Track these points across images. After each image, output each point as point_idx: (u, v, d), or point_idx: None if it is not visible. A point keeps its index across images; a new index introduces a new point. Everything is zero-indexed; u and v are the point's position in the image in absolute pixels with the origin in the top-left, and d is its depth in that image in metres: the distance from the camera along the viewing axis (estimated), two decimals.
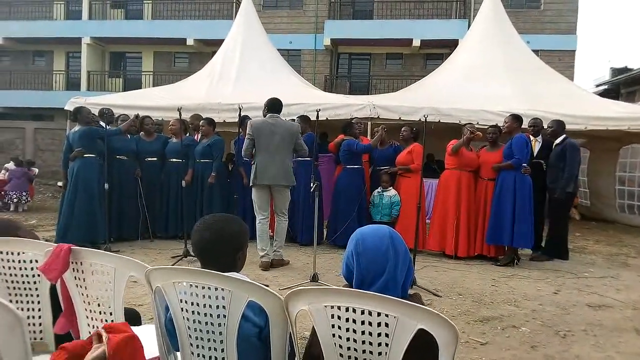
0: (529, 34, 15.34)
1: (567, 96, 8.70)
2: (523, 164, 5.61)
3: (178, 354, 1.69)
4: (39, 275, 1.87)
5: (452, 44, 15.14)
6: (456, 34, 15.94)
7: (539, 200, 5.99)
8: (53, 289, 1.89)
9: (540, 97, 8.28)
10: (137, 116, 6.71)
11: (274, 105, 5.35)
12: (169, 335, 1.68)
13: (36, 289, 1.92)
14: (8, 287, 1.92)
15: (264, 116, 5.39)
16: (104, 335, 1.37)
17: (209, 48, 18.08)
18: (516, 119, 5.88)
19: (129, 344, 1.42)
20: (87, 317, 1.83)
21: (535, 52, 11.55)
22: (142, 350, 1.49)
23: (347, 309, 1.32)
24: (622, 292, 4.77)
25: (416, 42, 17.29)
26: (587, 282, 5.14)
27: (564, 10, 17.39)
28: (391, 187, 6.37)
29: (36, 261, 1.87)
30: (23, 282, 1.92)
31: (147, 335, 1.94)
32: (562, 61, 16.73)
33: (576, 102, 8.42)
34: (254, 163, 5.26)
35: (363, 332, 1.31)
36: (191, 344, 1.59)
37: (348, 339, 1.33)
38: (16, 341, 1.26)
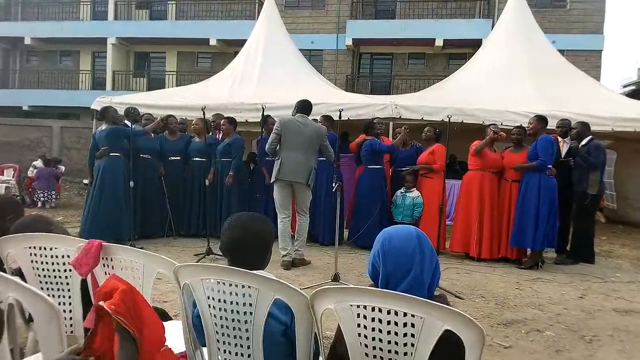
0: (554, 33, 15.07)
1: (594, 97, 8.53)
2: (548, 166, 5.53)
3: (205, 349, 1.72)
4: (70, 270, 1.92)
5: (475, 44, 14.99)
6: (480, 34, 15.76)
7: (565, 202, 5.89)
8: (84, 284, 1.94)
9: (565, 98, 8.14)
10: (162, 119, 6.81)
11: (304, 107, 5.42)
12: (196, 331, 1.71)
13: (67, 283, 1.98)
14: (41, 282, 1.98)
15: (293, 115, 5.43)
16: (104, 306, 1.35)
17: (231, 48, 18.23)
18: (541, 120, 5.80)
19: (126, 297, 1.41)
20: None
21: (561, 52, 11.36)
22: (142, 297, 1.49)
23: (373, 309, 1.33)
24: None
25: (439, 42, 17.15)
26: (614, 287, 5.04)
27: (591, 10, 17.07)
28: (414, 188, 6.33)
29: (68, 256, 1.92)
30: (55, 277, 1.98)
31: (174, 330, 1.98)
32: (589, 61, 16.41)
33: (603, 103, 8.26)
34: (278, 158, 5.29)
35: (389, 332, 1.31)
36: (218, 340, 1.61)
37: (374, 339, 1.34)
38: (53, 332, 1.30)
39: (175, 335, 1.93)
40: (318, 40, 18.39)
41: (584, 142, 6.01)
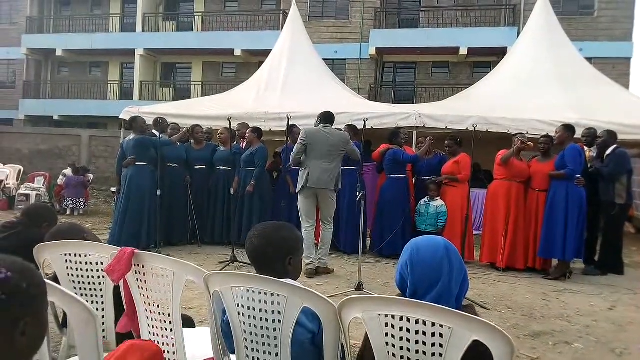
0: (581, 41, 14.84)
1: (622, 105, 8.36)
2: (576, 175, 5.44)
3: (232, 356, 1.75)
4: (103, 277, 1.97)
5: (500, 52, 14.86)
6: (505, 42, 15.62)
7: (593, 213, 5.79)
8: (117, 290, 1.99)
9: (593, 106, 8.00)
10: (188, 130, 6.93)
11: (328, 117, 5.54)
12: (225, 337, 1.74)
13: (101, 289, 2.03)
14: (75, 288, 2.04)
15: (316, 126, 5.50)
16: None
17: (255, 58, 18.43)
18: (568, 129, 5.72)
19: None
20: (148, 317, 1.91)
21: (589, 59, 11.15)
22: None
23: (401, 319, 1.34)
24: None
25: (463, 50, 17.04)
26: None
27: (619, 17, 16.76)
28: (438, 197, 6.30)
29: (101, 263, 1.97)
30: (89, 283, 2.04)
31: (202, 337, 2.02)
32: (617, 69, 16.08)
33: (632, 111, 8.08)
34: (305, 168, 5.34)
35: (417, 342, 1.32)
36: (246, 347, 1.64)
37: (402, 348, 1.35)
38: (90, 337, 1.34)
39: (203, 342, 1.97)
40: (341, 50, 18.46)
41: (608, 151, 5.91)
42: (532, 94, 8.46)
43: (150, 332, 1.92)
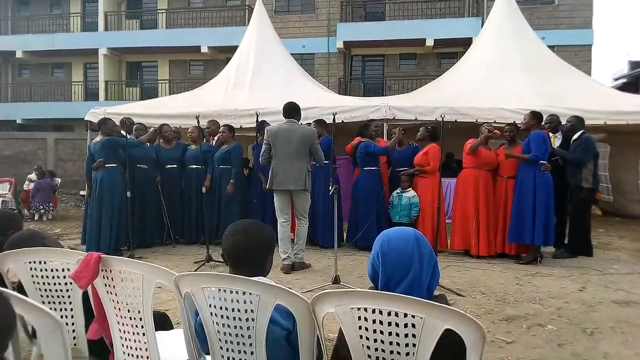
0: (543, 29, 15.15)
1: (585, 91, 8.58)
2: (542, 161, 5.56)
3: (208, 357, 1.73)
4: (70, 283, 1.92)
5: (465, 43, 15.02)
6: (470, 32, 15.81)
7: (561, 197, 5.93)
8: (85, 296, 1.94)
9: (557, 93, 8.18)
10: (156, 129, 6.81)
11: (289, 110, 5.39)
12: (199, 339, 1.72)
13: (69, 296, 1.98)
14: (42, 295, 1.98)
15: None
16: None
17: (223, 55, 18.24)
18: (534, 116, 5.83)
19: None
20: (119, 322, 1.87)
21: (551, 47, 11.41)
22: None
23: (373, 311, 1.34)
24: None
25: (429, 42, 17.19)
26: (613, 279, 5.07)
27: (579, 5, 17.14)
28: (410, 188, 6.36)
29: (68, 269, 1.92)
30: (56, 290, 1.98)
31: (177, 339, 1.99)
32: (579, 56, 16.48)
33: (595, 97, 8.30)
34: (271, 168, 5.30)
35: (390, 333, 1.33)
36: (221, 348, 1.62)
37: (375, 340, 1.35)
38: (57, 345, 1.31)
39: (177, 344, 1.94)
40: (309, 44, 18.40)
41: (575, 136, 6.05)
42: (498, 82, 8.61)
43: (122, 337, 1.88)
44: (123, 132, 6.43)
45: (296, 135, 5.23)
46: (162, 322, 2.27)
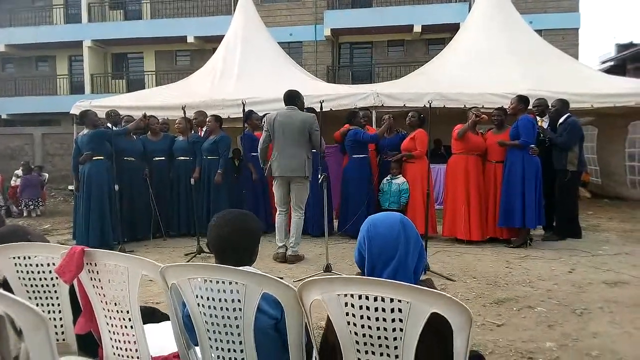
0: (530, 13, 15.19)
1: (573, 75, 8.61)
2: (530, 145, 5.58)
3: (197, 348, 1.72)
4: (56, 278, 1.89)
5: (453, 28, 15.00)
6: (457, 18, 15.81)
7: (548, 180, 5.96)
8: (72, 291, 1.92)
9: (545, 77, 8.21)
10: (144, 116, 6.72)
11: (288, 98, 5.34)
12: (188, 330, 1.71)
13: (55, 291, 1.96)
14: (28, 291, 1.96)
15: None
16: None
17: (209, 45, 18.08)
18: (522, 100, 5.84)
19: None
20: (106, 316, 1.86)
21: (538, 31, 11.41)
22: None
23: (360, 297, 1.33)
24: (638, 268, 4.74)
25: (417, 28, 17.17)
26: (602, 260, 5.12)
27: None
28: (400, 175, 6.36)
29: (53, 264, 1.89)
30: (42, 285, 1.95)
31: (167, 331, 1.97)
32: (566, 40, 16.54)
33: (582, 80, 8.34)
34: (273, 156, 5.25)
35: (377, 319, 1.32)
36: (210, 338, 1.61)
37: (363, 326, 1.35)
38: (41, 342, 1.29)
39: (167, 336, 1.93)
40: (296, 32, 18.30)
41: (561, 120, 6.08)
42: (485, 67, 8.62)
43: (110, 331, 1.87)
44: (109, 125, 6.35)
45: (296, 122, 5.18)
46: (151, 316, 2.26)
